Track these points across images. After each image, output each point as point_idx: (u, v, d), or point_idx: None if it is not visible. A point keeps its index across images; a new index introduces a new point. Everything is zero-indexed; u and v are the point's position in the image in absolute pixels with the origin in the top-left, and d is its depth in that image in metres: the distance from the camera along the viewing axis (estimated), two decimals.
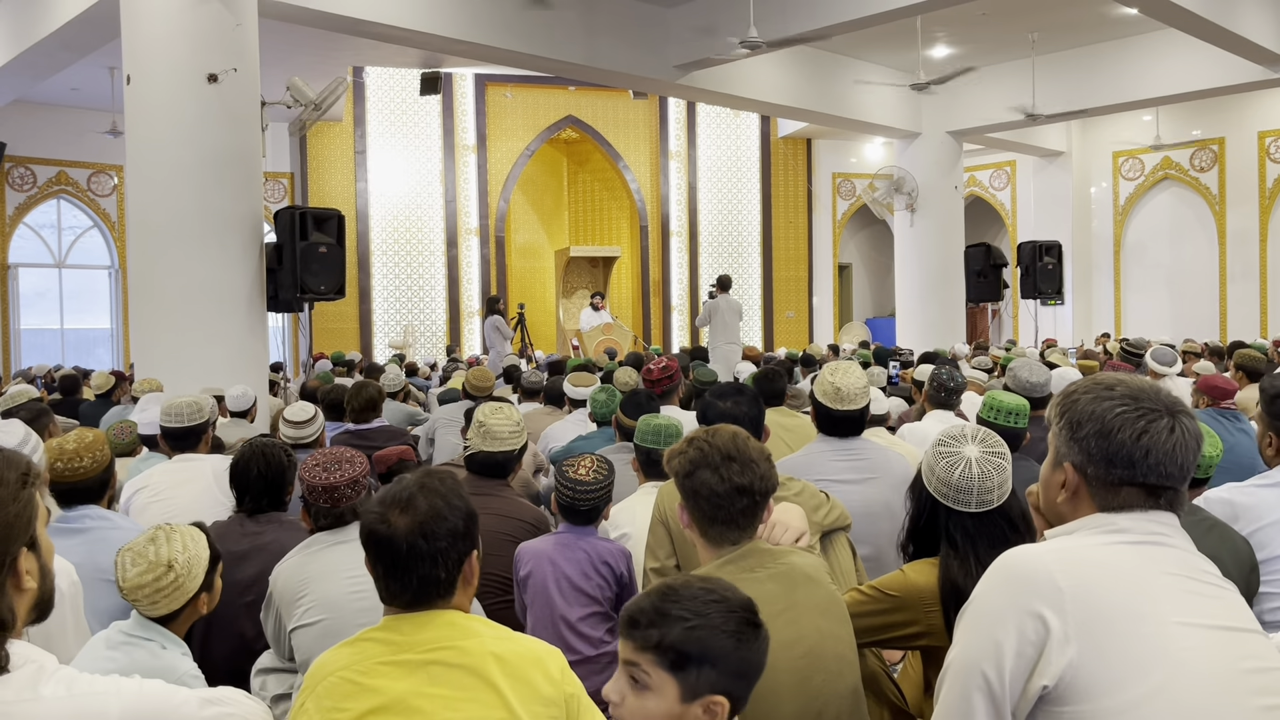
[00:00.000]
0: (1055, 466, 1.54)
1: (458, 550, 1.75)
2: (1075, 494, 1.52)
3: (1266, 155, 15.43)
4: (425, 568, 1.72)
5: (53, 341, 14.78)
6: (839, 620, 2.07)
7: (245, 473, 3.09)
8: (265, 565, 2.83)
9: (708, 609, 1.44)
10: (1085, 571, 1.42)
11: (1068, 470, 1.51)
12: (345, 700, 1.67)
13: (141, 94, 7.10)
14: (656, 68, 10.88)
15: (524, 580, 2.88)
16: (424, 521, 1.72)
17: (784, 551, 2.10)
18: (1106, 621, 1.38)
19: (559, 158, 17.30)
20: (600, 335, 13.63)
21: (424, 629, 1.72)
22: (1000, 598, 1.44)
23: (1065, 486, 1.52)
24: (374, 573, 1.77)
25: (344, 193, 14.90)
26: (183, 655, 2.18)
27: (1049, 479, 1.56)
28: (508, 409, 3.42)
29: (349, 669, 1.70)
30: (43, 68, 10.26)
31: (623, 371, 6.15)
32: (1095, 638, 1.37)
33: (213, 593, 2.29)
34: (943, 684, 1.51)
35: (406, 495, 1.75)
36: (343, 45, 11.47)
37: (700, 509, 2.01)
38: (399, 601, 1.75)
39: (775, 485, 2.07)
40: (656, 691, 1.42)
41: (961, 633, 1.49)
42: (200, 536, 2.27)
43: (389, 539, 1.72)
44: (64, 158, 14.23)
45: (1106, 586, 1.41)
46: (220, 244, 7.11)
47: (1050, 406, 1.58)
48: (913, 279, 14.45)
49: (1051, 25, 12.13)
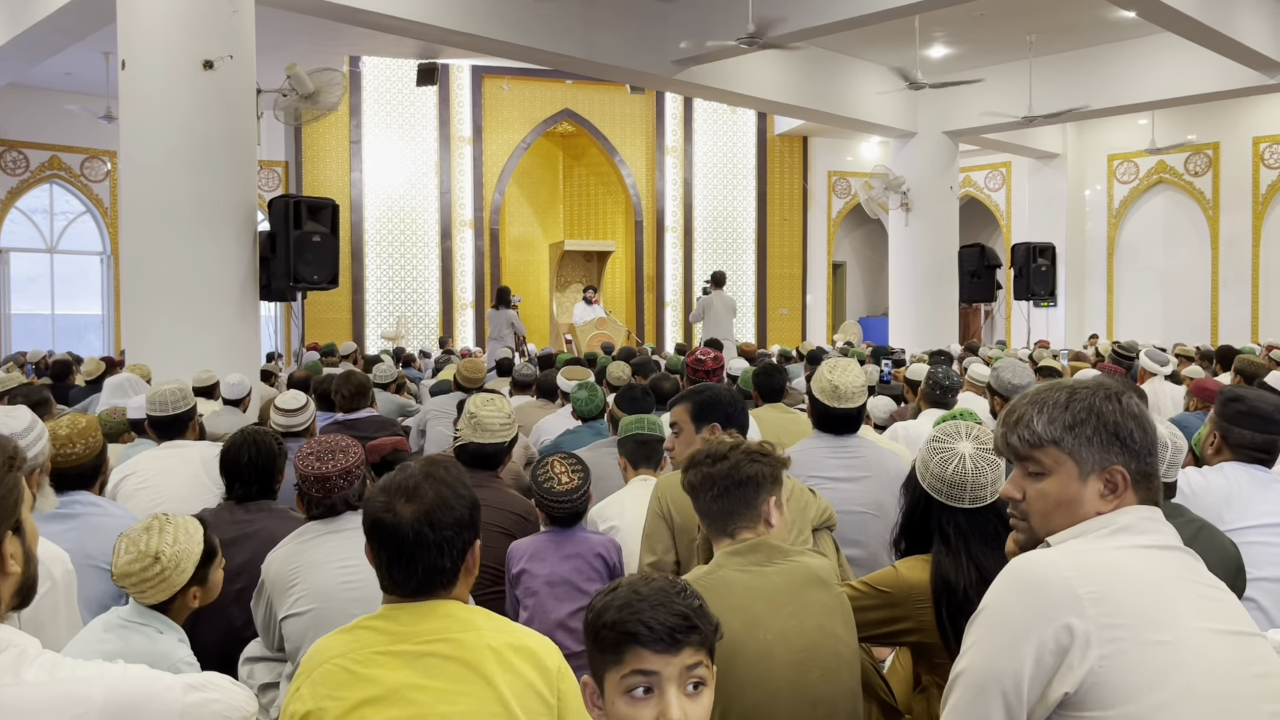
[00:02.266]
0: (1089, 475, 1.50)
1: (463, 539, 1.74)
2: (1122, 496, 1.51)
3: (1261, 161, 15.47)
4: (431, 557, 1.70)
5: (43, 327, 14.72)
6: (843, 624, 2.07)
7: (236, 460, 3.07)
8: (254, 553, 2.82)
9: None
10: (1102, 576, 1.40)
11: (1118, 473, 1.49)
12: (340, 689, 1.66)
13: (136, 79, 7.06)
14: (654, 62, 10.86)
15: (516, 577, 2.87)
16: (430, 510, 1.71)
17: (796, 550, 2.11)
18: (1128, 627, 1.37)
19: (555, 151, 17.27)
20: (593, 330, 13.62)
21: (423, 619, 1.71)
22: (1020, 610, 1.41)
23: (1116, 492, 1.50)
24: (376, 561, 1.75)
25: (339, 182, 14.85)
26: (179, 642, 2.17)
27: (1065, 493, 1.51)
28: (499, 400, 3.40)
29: (345, 657, 1.69)
30: (37, 51, 10.20)
31: (616, 366, 6.14)
32: (1118, 643, 1.36)
33: (207, 587, 2.27)
34: (952, 692, 1.47)
35: (413, 484, 1.73)
36: (339, 34, 11.42)
37: (709, 508, 2.08)
38: (401, 590, 1.73)
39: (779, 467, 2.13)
40: None
41: (976, 643, 1.45)
42: (196, 531, 2.25)
43: (395, 527, 1.70)
44: (57, 142, 14.16)
45: (1125, 591, 1.40)
46: (213, 231, 7.08)
47: (1049, 424, 1.52)
48: (906, 278, 14.47)
49: (1049, 27, 12.15)
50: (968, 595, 2.11)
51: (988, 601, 1.46)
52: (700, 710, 1.40)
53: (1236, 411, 2.93)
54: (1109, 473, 1.50)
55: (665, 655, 1.37)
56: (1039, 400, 1.54)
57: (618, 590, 1.44)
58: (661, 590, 1.43)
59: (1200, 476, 2.87)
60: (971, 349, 10.49)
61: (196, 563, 2.21)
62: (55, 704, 1.40)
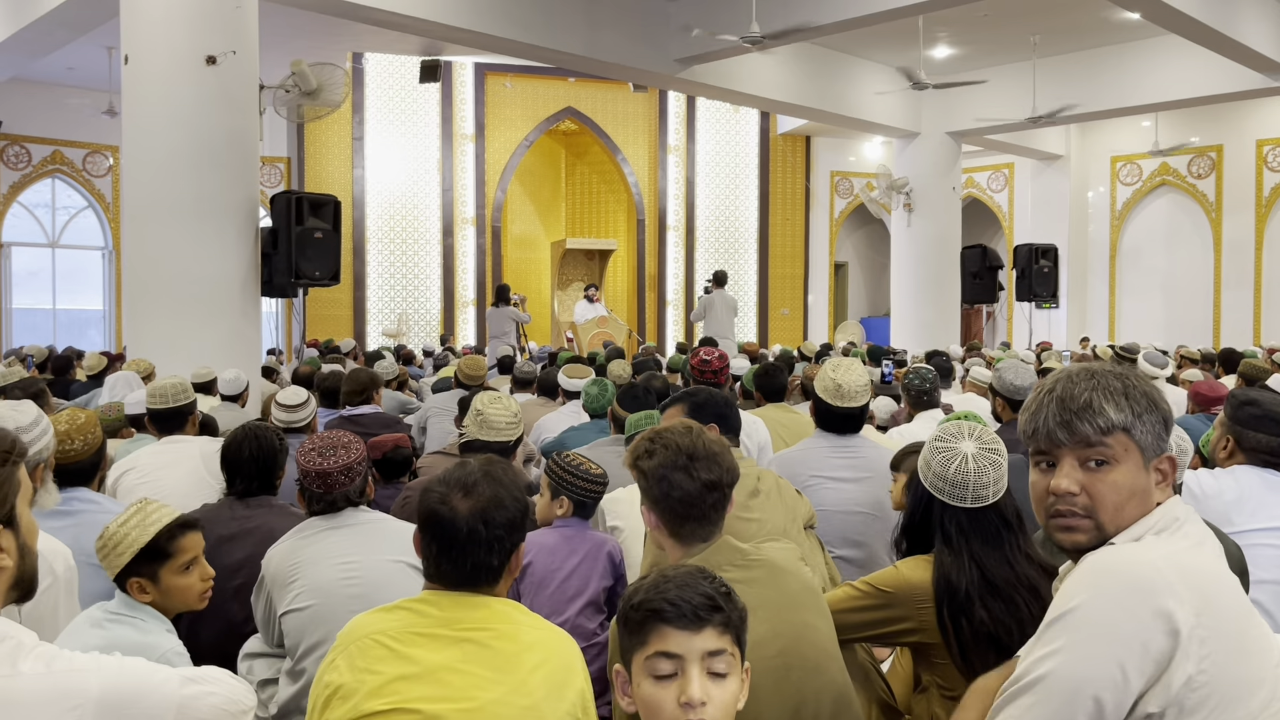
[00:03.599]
0: (1149, 464, 1.45)
1: (512, 540, 1.79)
2: (1168, 487, 1.47)
3: (1264, 164, 15.45)
4: (481, 554, 1.75)
5: (45, 321, 14.72)
6: (816, 611, 2.05)
7: (237, 455, 3.06)
8: (254, 549, 2.81)
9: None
10: (1202, 584, 1.33)
11: (1168, 461, 1.46)
12: (378, 663, 1.70)
13: (139, 74, 7.06)
14: (657, 61, 10.85)
15: (524, 569, 2.86)
16: (485, 508, 1.76)
17: (755, 548, 2.10)
18: (1226, 635, 1.30)
19: (557, 149, 17.27)
20: (595, 328, 13.62)
21: (465, 608, 1.76)
22: (1121, 614, 1.30)
23: (1165, 480, 1.46)
24: (425, 552, 1.79)
25: (341, 179, 14.84)
26: (167, 632, 2.17)
27: (1137, 482, 1.43)
28: (506, 399, 3.38)
29: (384, 634, 1.73)
30: (40, 46, 10.19)
31: (616, 364, 6.15)
32: (1213, 658, 1.29)
33: (162, 588, 2.18)
34: (1023, 695, 1.36)
35: (471, 480, 1.78)
36: (342, 31, 11.42)
37: (672, 510, 2.01)
38: (447, 582, 1.78)
39: (738, 474, 2.08)
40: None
41: (1064, 647, 1.33)
42: (155, 524, 2.17)
43: (450, 520, 1.75)
44: (60, 137, 14.16)
45: (1216, 593, 1.34)
46: (216, 227, 7.07)
47: (1119, 410, 1.43)
48: (908, 279, 14.46)
49: (1053, 28, 12.13)
50: (969, 595, 2.11)
51: (1077, 602, 1.34)
52: (725, 696, 1.41)
53: (1251, 415, 2.91)
54: (1161, 461, 1.45)
55: (688, 633, 1.40)
56: (1097, 386, 1.44)
57: (649, 576, 1.49)
58: (689, 573, 1.47)
59: (1212, 479, 2.87)
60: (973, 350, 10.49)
61: (135, 552, 2.14)
62: (51, 696, 1.39)
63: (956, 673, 2.12)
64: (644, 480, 2.04)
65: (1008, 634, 2.07)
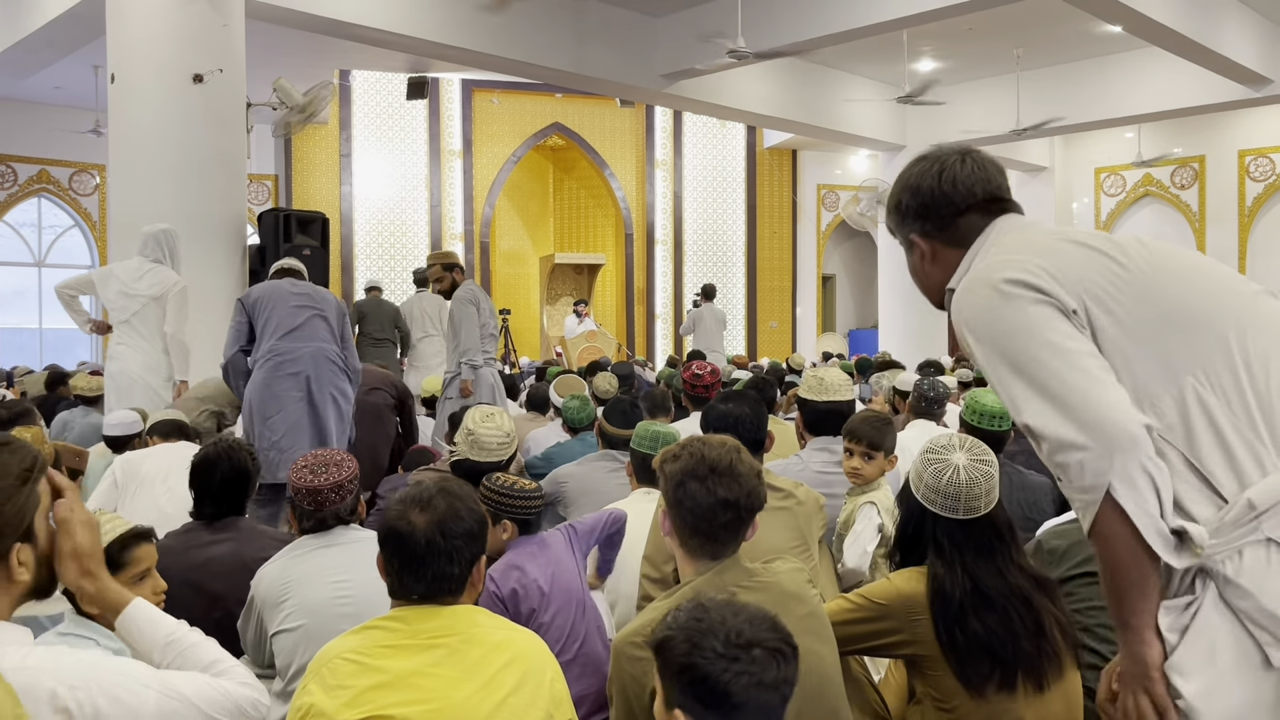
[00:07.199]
0: None
1: (470, 550, 1.86)
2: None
3: (1246, 174, 15.59)
4: (441, 564, 1.82)
5: (31, 341, 14.63)
6: (821, 639, 2.03)
7: (210, 474, 2.97)
8: (228, 584, 2.79)
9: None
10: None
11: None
12: (349, 678, 1.74)
13: (125, 93, 7.04)
14: (644, 76, 10.90)
15: (528, 615, 2.80)
16: (442, 519, 1.83)
17: (764, 568, 2.07)
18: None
19: (545, 164, 17.30)
20: (584, 343, 13.61)
21: (430, 619, 1.82)
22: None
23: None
24: (388, 569, 1.85)
25: (329, 196, 14.83)
26: (116, 653, 2.12)
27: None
28: (499, 417, 3.23)
29: (354, 651, 1.78)
30: (26, 64, 10.18)
31: (602, 378, 6.13)
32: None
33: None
34: None
35: (427, 496, 1.86)
36: (330, 48, 11.42)
37: (683, 519, 1.99)
38: (411, 595, 1.84)
39: (763, 502, 2.04)
40: None
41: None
42: (114, 530, 2.15)
43: (409, 534, 1.81)
44: (46, 156, 14.10)
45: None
46: (203, 246, 7.05)
47: None
48: (895, 291, 14.52)
49: (1036, 41, 12.23)
50: (963, 606, 2.11)
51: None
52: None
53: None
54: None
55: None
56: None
57: (715, 628, 1.48)
58: (764, 661, 1.48)
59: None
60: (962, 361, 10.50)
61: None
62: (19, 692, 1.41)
63: (950, 684, 2.12)
64: (665, 483, 2.04)
65: (1001, 645, 2.08)
